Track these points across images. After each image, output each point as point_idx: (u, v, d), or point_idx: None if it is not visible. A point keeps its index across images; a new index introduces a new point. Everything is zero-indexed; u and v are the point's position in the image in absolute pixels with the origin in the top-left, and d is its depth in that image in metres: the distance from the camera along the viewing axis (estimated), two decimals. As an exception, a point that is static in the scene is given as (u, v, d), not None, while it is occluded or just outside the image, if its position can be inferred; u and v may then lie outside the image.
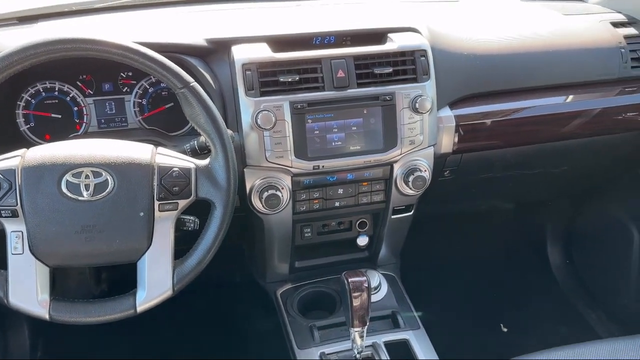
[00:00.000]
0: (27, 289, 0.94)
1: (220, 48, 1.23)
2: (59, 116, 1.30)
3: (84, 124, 1.32)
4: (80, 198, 0.93)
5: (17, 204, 0.92)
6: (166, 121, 1.34)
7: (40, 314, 0.95)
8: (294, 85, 1.20)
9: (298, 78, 1.20)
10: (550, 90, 1.44)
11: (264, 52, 1.20)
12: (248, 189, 1.24)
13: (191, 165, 0.99)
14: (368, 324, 1.15)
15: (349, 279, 1.13)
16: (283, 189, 1.24)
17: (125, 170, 0.95)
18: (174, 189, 0.97)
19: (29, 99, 1.28)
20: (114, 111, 1.32)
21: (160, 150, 1.01)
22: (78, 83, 1.30)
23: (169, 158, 1.00)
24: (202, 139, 1.08)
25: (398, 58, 1.25)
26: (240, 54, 1.20)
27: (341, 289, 1.16)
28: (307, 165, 1.23)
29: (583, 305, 2.01)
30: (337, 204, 1.34)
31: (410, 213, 1.44)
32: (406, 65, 1.26)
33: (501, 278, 2.05)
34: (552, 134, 1.47)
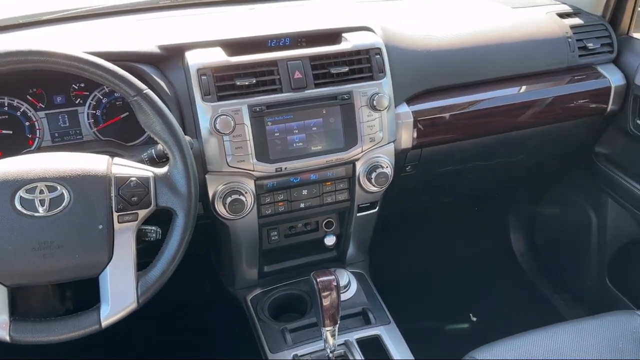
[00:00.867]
0: None
1: (174, 54, 1.21)
2: (10, 132, 1.26)
3: (37, 139, 1.28)
4: (35, 214, 0.90)
5: None
6: (122, 131, 1.31)
7: (0, 335, 0.92)
8: (251, 88, 1.20)
9: (255, 81, 1.19)
10: (503, 82, 1.48)
11: (218, 57, 1.19)
12: (211, 195, 1.23)
13: (149, 173, 0.98)
14: (339, 323, 1.15)
15: (318, 279, 1.13)
16: (247, 193, 1.24)
17: (80, 182, 0.93)
18: (133, 199, 0.95)
19: (-23, 116, 1.24)
20: (67, 124, 1.29)
21: (117, 160, 0.99)
22: (28, 97, 1.26)
23: (126, 168, 0.98)
24: (160, 147, 1.07)
25: (354, 57, 1.27)
26: (195, 59, 1.19)
27: (311, 290, 1.16)
28: (270, 168, 1.23)
29: (549, 290, 2.07)
30: (303, 205, 1.34)
31: (375, 210, 1.45)
32: (362, 64, 1.27)
33: (468, 269, 2.09)
34: (507, 125, 1.51)
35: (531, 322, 1.27)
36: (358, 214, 1.43)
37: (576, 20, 1.58)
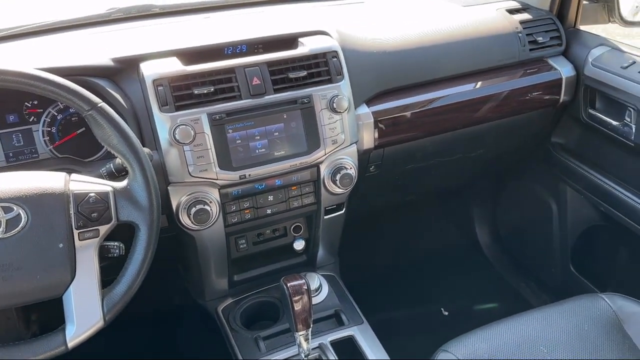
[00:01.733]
0: None
1: (128, 66, 1.20)
2: (-39, 154, 1.22)
3: (-10, 160, 1.24)
4: None
5: None
6: (80, 147, 1.28)
7: None
8: (209, 96, 1.19)
9: (213, 89, 1.19)
10: (459, 79, 1.51)
11: (174, 66, 1.18)
12: (175, 207, 1.22)
13: (108, 188, 0.96)
14: (312, 326, 1.15)
15: (288, 284, 1.13)
16: (211, 202, 1.23)
17: (37, 201, 0.90)
18: (93, 215, 0.93)
19: None
20: (22, 143, 1.25)
21: (74, 176, 0.97)
22: (-22, 117, 1.23)
23: (84, 184, 0.96)
24: (118, 160, 1.05)
25: (311, 61, 1.27)
26: (150, 70, 1.17)
27: (282, 296, 1.16)
28: (233, 176, 1.22)
29: (516, 280, 2.11)
30: (269, 211, 1.34)
31: (342, 212, 1.46)
32: (320, 67, 1.28)
33: (437, 264, 2.12)
34: (465, 120, 1.54)
35: (501, 312, 1.30)
36: (325, 217, 1.44)
37: (525, 16, 1.63)
